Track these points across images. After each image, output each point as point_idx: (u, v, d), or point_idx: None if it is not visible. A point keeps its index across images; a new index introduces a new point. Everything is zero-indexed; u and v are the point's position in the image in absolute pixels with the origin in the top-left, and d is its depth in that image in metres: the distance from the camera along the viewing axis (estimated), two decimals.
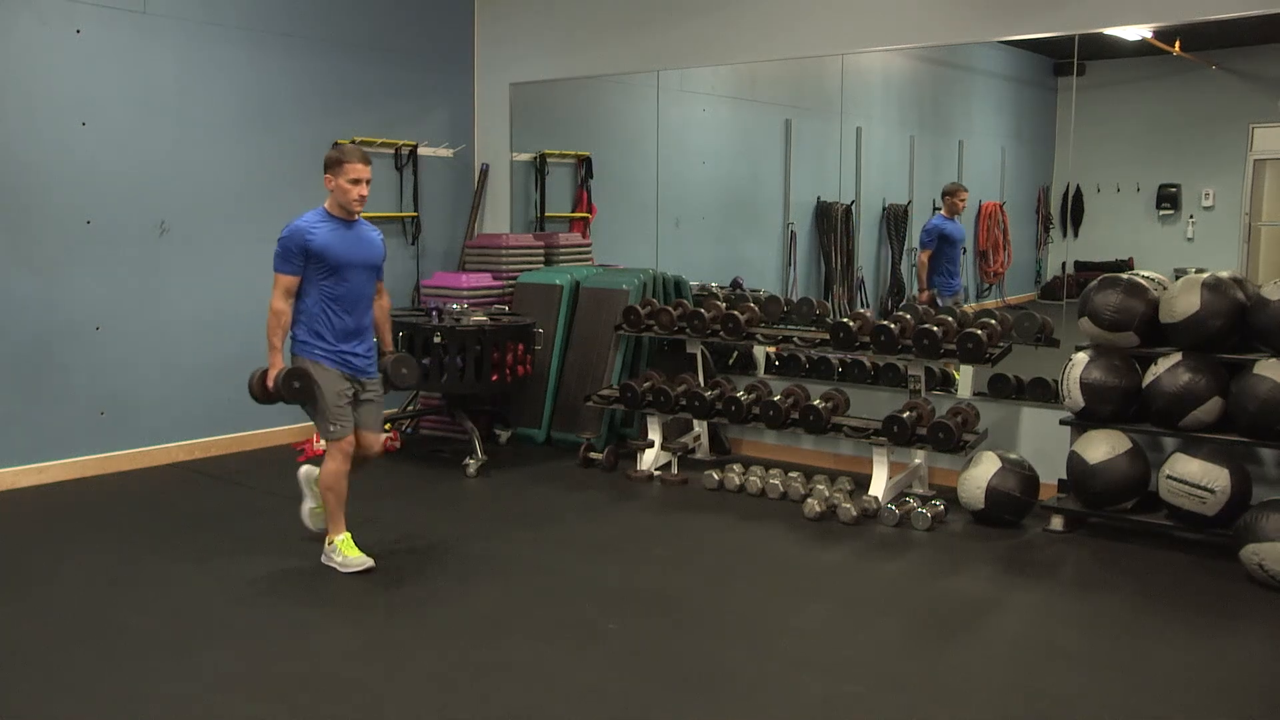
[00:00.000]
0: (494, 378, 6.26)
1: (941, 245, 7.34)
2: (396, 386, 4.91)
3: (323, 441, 4.61)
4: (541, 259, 7.41)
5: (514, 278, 7.22)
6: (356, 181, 4.45)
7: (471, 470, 6.16)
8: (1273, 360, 4.69)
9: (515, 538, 5.10)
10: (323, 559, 4.59)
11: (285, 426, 6.86)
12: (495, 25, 7.80)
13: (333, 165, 4.48)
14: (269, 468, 6.31)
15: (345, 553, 4.53)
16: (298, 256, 4.43)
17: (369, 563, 4.52)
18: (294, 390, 4.43)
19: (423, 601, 4.24)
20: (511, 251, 7.30)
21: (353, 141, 7.03)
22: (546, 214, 7.89)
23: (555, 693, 3.46)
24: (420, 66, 7.55)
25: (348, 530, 4.59)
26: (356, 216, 4.56)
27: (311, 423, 6.90)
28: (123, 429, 6.18)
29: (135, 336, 6.20)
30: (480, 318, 6.45)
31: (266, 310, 4.46)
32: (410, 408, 7.20)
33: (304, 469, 4.91)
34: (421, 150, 7.54)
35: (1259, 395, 4.63)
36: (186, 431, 6.46)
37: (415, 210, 7.53)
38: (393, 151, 7.38)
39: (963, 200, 7.44)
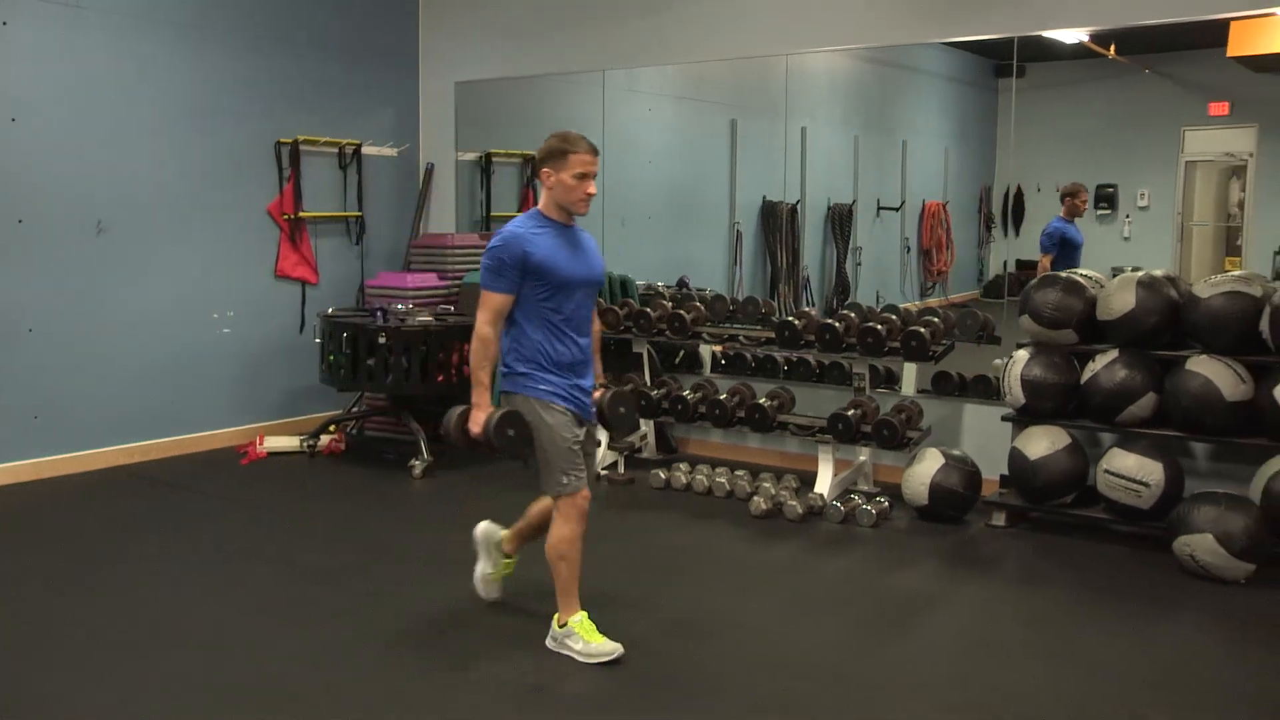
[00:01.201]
0: (440, 378, 6.22)
1: (1063, 250, 6.64)
2: (615, 430, 4.07)
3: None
4: None
5: (459, 278, 7.18)
6: (584, 176, 3.61)
7: (418, 471, 6.12)
8: (1204, 356, 4.79)
9: (462, 538, 5.03)
10: (550, 643, 3.73)
11: (227, 429, 6.77)
12: (440, 24, 7.76)
13: (553, 157, 3.63)
14: (211, 470, 6.23)
15: (586, 638, 3.65)
16: (514, 270, 3.55)
17: (617, 650, 3.64)
18: (508, 439, 3.57)
19: (369, 604, 4.21)
20: (457, 251, 7.26)
21: (295, 141, 6.97)
22: (492, 213, 7.86)
23: (504, 693, 3.44)
24: (364, 65, 7.49)
25: (583, 609, 3.74)
26: (573, 223, 3.75)
27: (257, 424, 6.90)
28: (58, 433, 6.06)
29: (71, 338, 6.08)
30: (426, 318, 6.41)
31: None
32: (355, 409, 7.13)
33: (483, 527, 4.12)
34: (366, 149, 7.47)
35: (1191, 391, 4.73)
36: (124, 434, 6.34)
37: (359, 210, 7.46)
38: (336, 151, 7.30)
39: (1084, 201, 6.87)
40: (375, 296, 7.00)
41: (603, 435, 5.73)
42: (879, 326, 5.55)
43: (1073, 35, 6.02)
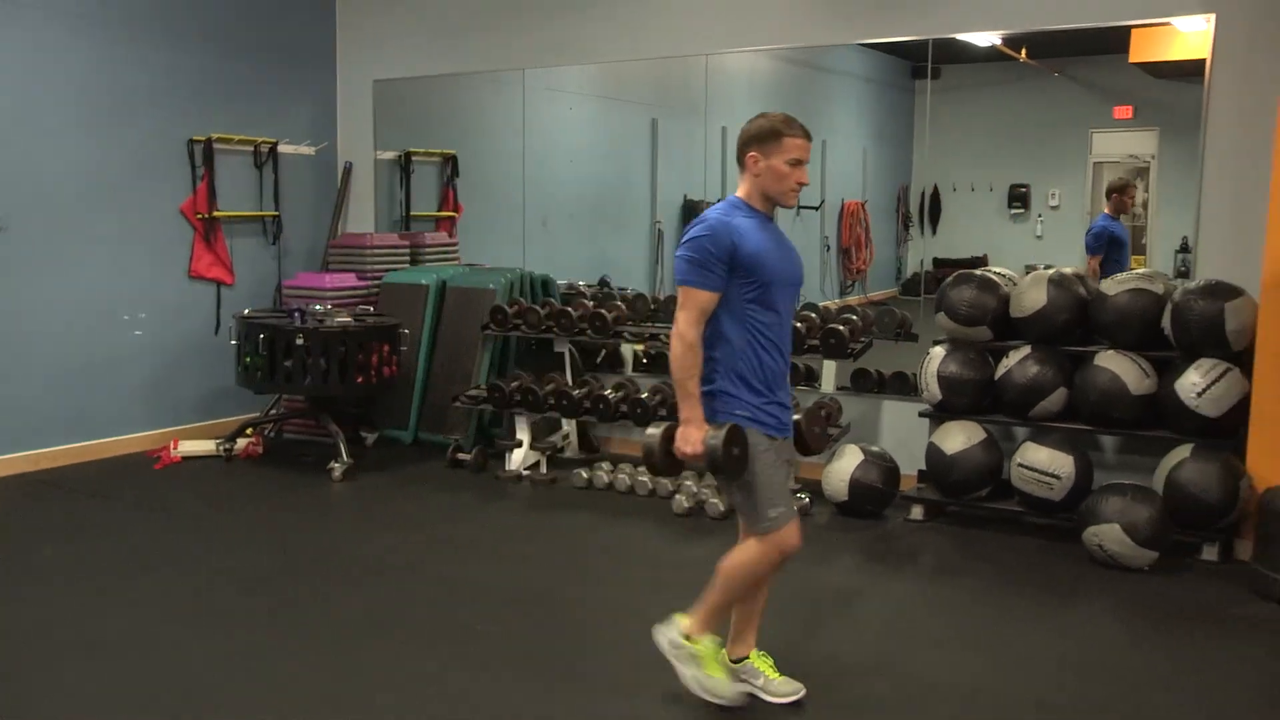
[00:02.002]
0: (359, 379, 6.15)
1: (1111, 250, 6.14)
2: (811, 452, 3.50)
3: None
4: (407, 259, 7.31)
5: (379, 278, 7.11)
6: (798, 163, 3.15)
7: (337, 474, 6.04)
8: (1111, 352, 4.93)
9: (383, 541, 5.02)
10: (662, 642, 3.35)
11: (140, 434, 6.62)
12: (357, 21, 7.66)
13: (764, 139, 3.15)
14: (123, 476, 6.08)
15: (708, 670, 3.27)
16: (721, 264, 3.08)
17: (739, 698, 3.30)
18: (733, 459, 3.07)
19: (291, 609, 4.15)
20: (376, 251, 7.18)
21: (208, 139, 6.83)
22: (412, 213, 7.79)
23: (427, 695, 3.42)
24: (280, 62, 7.37)
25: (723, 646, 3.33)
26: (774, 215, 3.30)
27: (171, 428, 6.76)
28: None
29: None
30: (345, 318, 6.33)
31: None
32: (273, 411, 7.01)
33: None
34: (282, 148, 7.35)
35: (1099, 385, 4.87)
36: (32, 441, 6.16)
37: (276, 209, 7.34)
38: (251, 149, 7.17)
39: (1132, 197, 6.36)
40: (293, 297, 6.90)
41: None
42: (798, 324, 5.61)
43: (985, 39, 6.14)
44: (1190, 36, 5.28)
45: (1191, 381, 4.71)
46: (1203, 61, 5.09)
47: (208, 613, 4.12)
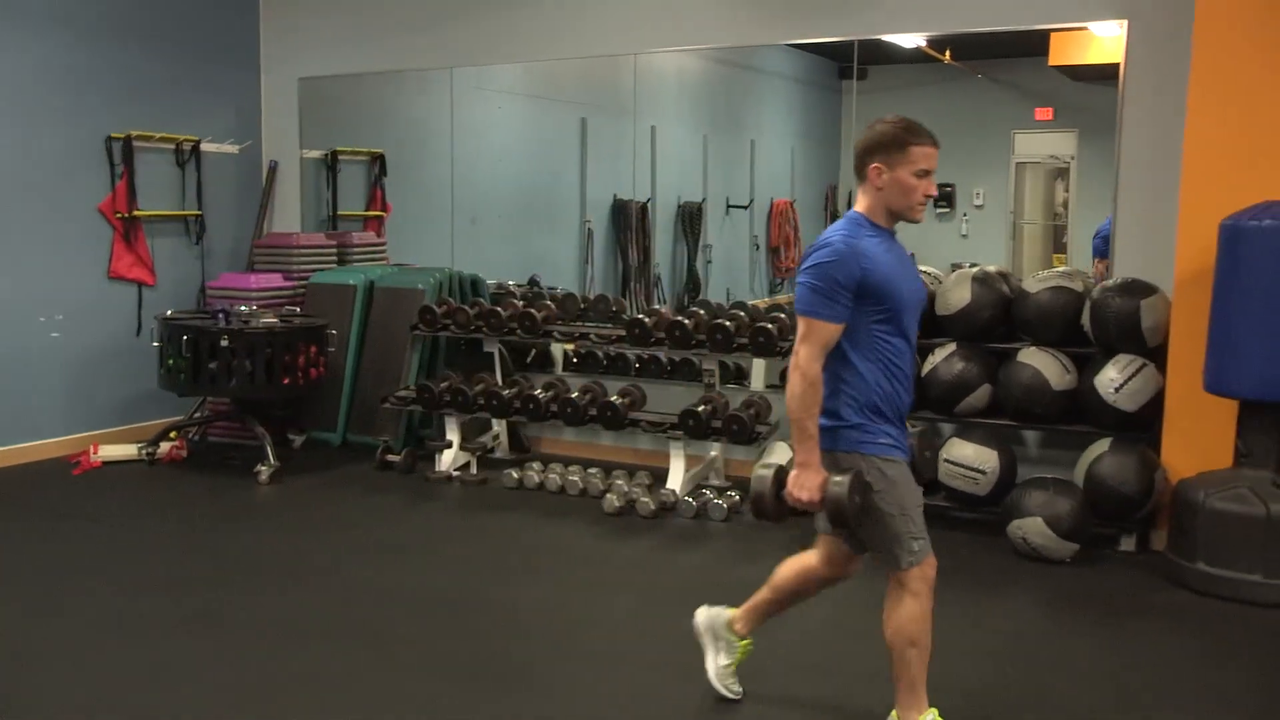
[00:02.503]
0: (286, 381, 6.07)
1: None
2: (922, 482, 3.16)
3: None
4: (334, 259, 7.23)
5: (306, 278, 7.01)
6: (926, 174, 2.87)
7: (264, 477, 5.95)
8: (1033, 348, 5.03)
9: (311, 545, 4.96)
10: (706, 626, 3.38)
11: (58, 438, 6.46)
12: (282, 17, 7.55)
13: (888, 148, 2.86)
14: (40, 482, 5.93)
15: (732, 668, 3.35)
16: (848, 293, 2.81)
17: (737, 695, 3.36)
18: (856, 507, 2.85)
19: (215, 615, 4.07)
20: (303, 251, 7.09)
21: (128, 136, 6.68)
22: (339, 212, 7.70)
23: (354, 700, 3.38)
24: (202, 58, 7.22)
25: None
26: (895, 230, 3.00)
27: (91, 432, 6.60)
28: None
29: None
30: (271, 319, 6.24)
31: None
32: (197, 414, 6.88)
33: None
34: (205, 146, 7.22)
35: (1022, 381, 4.96)
36: None
37: (199, 209, 7.20)
38: (173, 147, 7.03)
39: None
40: (217, 298, 6.78)
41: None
42: (728, 323, 5.64)
43: (910, 40, 6.24)
44: (1106, 41, 5.41)
45: (1110, 377, 4.82)
46: (1118, 65, 5.21)
47: (133, 621, 4.03)
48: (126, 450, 6.35)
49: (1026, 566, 4.67)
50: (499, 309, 6.22)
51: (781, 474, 2.95)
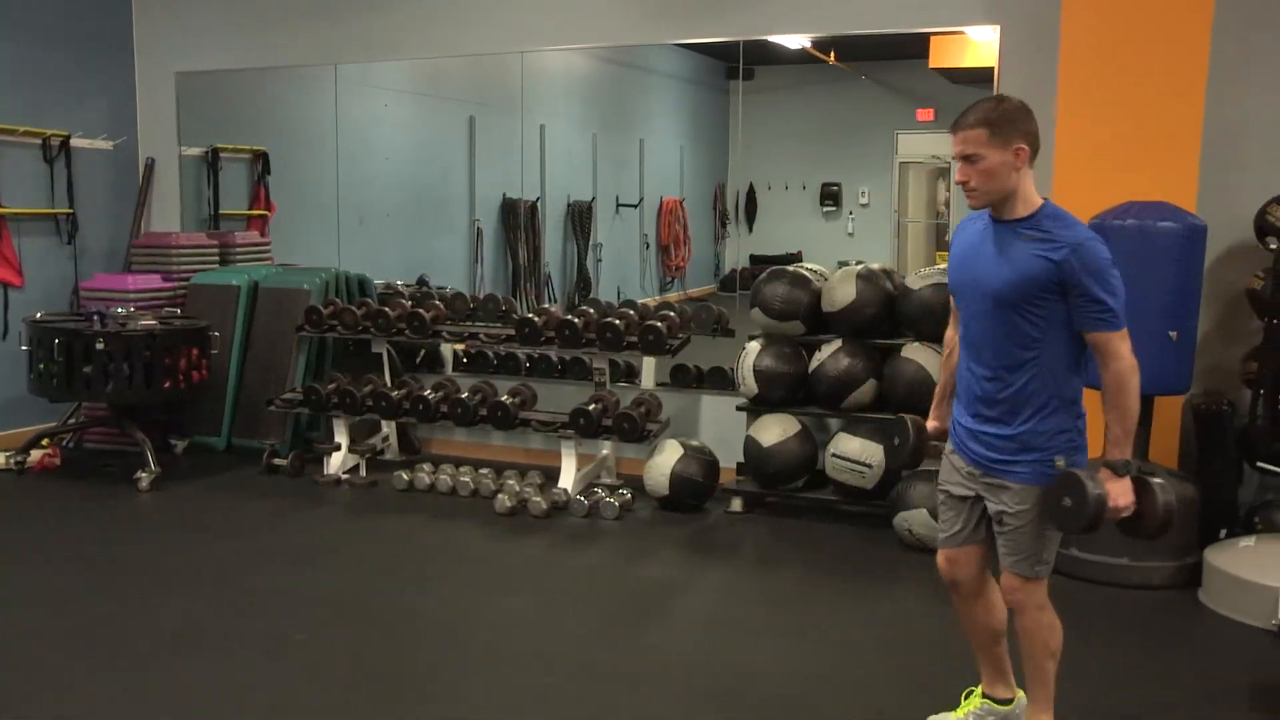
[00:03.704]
0: (166, 384, 5.89)
1: None
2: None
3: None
4: (217, 259, 7.03)
5: (187, 279, 6.81)
6: (961, 158, 2.79)
7: (144, 484, 5.76)
8: (917, 344, 5.16)
9: (196, 552, 4.82)
10: None
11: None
12: (157, 8, 7.30)
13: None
14: None
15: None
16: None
17: None
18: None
19: (98, 626, 3.93)
20: (183, 251, 6.88)
21: None
22: (221, 212, 7.48)
23: (244, 709, 3.30)
24: (72, 50, 6.94)
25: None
26: (1012, 216, 2.81)
27: (32, 426, 6.28)
28: None
29: None
30: (149, 321, 6.04)
31: None
32: (72, 420, 6.63)
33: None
34: (76, 141, 6.94)
35: (907, 376, 5.08)
36: None
37: (70, 207, 6.93)
38: (40, 142, 6.75)
39: None
40: (92, 299, 6.53)
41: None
42: (618, 322, 5.66)
43: (795, 41, 6.34)
44: (982, 45, 5.58)
45: None
46: (992, 69, 5.37)
47: (12, 637, 3.87)
48: None
49: (914, 558, 4.77)
50: (387, 309, 6.13)
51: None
